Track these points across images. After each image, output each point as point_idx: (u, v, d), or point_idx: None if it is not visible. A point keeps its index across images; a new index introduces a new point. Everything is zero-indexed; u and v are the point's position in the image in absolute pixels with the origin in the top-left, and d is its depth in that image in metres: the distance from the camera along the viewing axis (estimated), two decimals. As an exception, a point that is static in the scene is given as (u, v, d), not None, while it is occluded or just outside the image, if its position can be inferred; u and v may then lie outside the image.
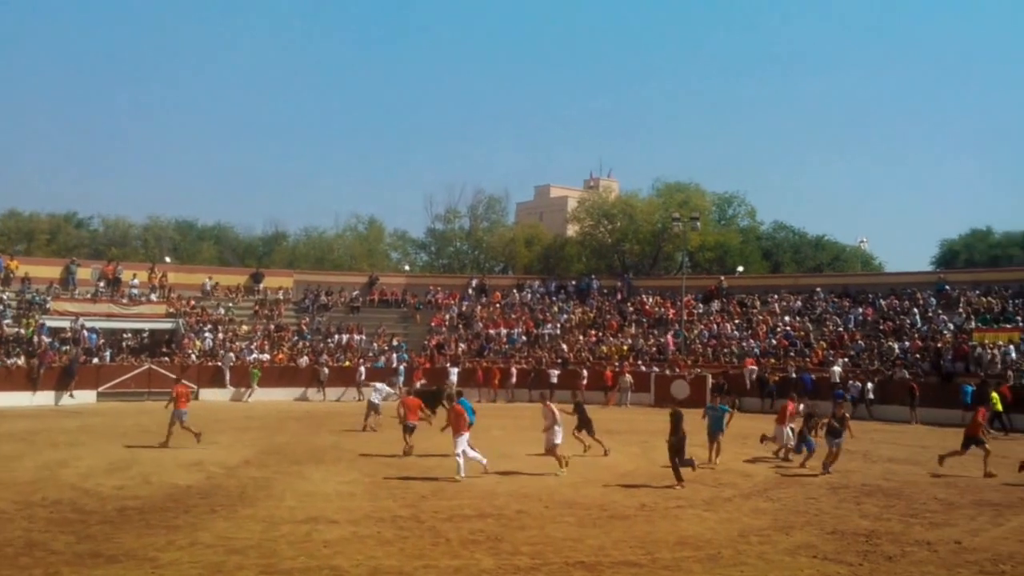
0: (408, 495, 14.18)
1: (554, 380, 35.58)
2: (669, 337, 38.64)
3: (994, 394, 26.50)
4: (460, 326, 42.50)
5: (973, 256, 53.62)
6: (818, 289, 41.18)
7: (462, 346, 40.07)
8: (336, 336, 40.28)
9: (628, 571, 9.73)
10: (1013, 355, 30.76)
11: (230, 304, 41.61)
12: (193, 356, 36.38)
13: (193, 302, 40.65)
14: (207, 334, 38.12)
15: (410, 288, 46.10)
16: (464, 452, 15.90)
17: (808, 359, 35.06)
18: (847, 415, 20.21)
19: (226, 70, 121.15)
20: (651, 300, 43.38)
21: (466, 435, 16.16)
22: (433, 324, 42.35)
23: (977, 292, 36.74)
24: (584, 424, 19.73)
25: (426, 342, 40.54)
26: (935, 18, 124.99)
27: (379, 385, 25.62)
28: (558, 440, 17.02)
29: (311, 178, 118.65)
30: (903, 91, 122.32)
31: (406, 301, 44.70)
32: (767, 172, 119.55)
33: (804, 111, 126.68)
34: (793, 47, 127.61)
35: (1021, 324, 32.97)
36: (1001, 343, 31.74)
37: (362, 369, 36.27)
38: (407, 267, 57.79)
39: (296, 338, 39.88)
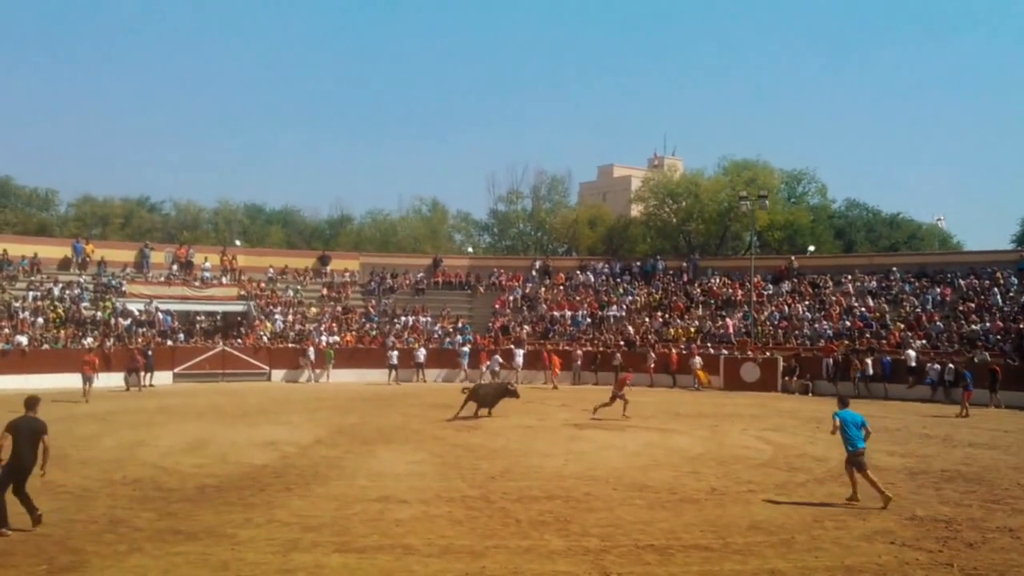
0: (476, 476, 14.34)
1: (618, 362, 35.49)
2: (731, 320, 38.16)
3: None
4: (524, 308, 42.63)
5: (1057, 233, 51.71)
6: (894, 269, 40.17)
7: (526, 328, 40.20)
8: (402, 318, 40.80)
9: (699, 555, 9.73)
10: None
11: (299, 287, 42.48)
12: (264, 337, 37.27)
13: (263, 284, 41.60)
14: (277, 316, 39.01)
15: (474, 270, 46.32)
16: None
17: (885, 341, 34.30)
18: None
19: (293, 52, 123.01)
20: (718, 281, 42.90)
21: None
22: (497, 306, 42.57)
23: (1063, 270, 35.44)
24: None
25: (490, 324, 40.78)
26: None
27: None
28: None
29: (375, 161, 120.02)
30: (976, 64, 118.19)
31: (470, 283, 45.02)
32: (838, 148, 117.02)
33: (875, 85, 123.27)
34: (857, 18, 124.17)
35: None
36: (1088, 324, 30.61)
37: (392, 353, 36.07)
38: (470, 249, 58.04)
39: (363, 320, 40.52)
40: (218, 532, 10.57)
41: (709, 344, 36.92)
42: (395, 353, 36.17)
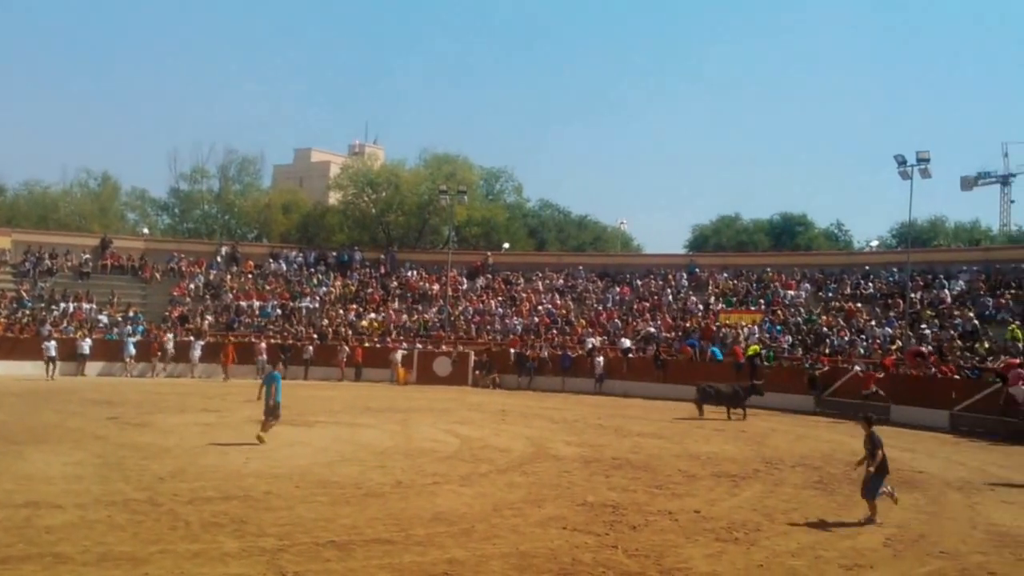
0: (144, 477, 13.61)
1: (308, 356, 35.19)
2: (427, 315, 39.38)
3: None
4: (207, 297, 40.89)
5: (722, 241, 58.35)
6: (580, 268, 43.42)
7: (208, 319, 38.57)
8: (62, 304, 37.47)
9: (380, 548, 9.94)
10: (756, 335, 33.93)
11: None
12: None
13: None
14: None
15: (149, 253, 43.69)
16: None
17: (569, 337, 36.94)
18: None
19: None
20: (415, 274, 43.84)
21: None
22: (175, 294, 40.47)
23: (725, 275, 40.23)
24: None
25: (167, 313, 38.67)
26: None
27: None
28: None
29: (33, 125, 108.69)
30: (650, 77, 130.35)
31: (144, 267, 42.33)
32: (535, 149, 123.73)
33: (570, 90, 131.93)
34: (558, 20, 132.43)
35: (763, 307, 36.47)
36: (744, 324, 34.98)
37: (49, 344, 32.81)
38: (146, 230, 54.62)
39: (15, 305, 36.70)
40: None
41: (403, 338, 37.68)
42: (52, 344, 33.03)
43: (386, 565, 9.33)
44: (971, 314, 30.66)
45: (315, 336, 37.51)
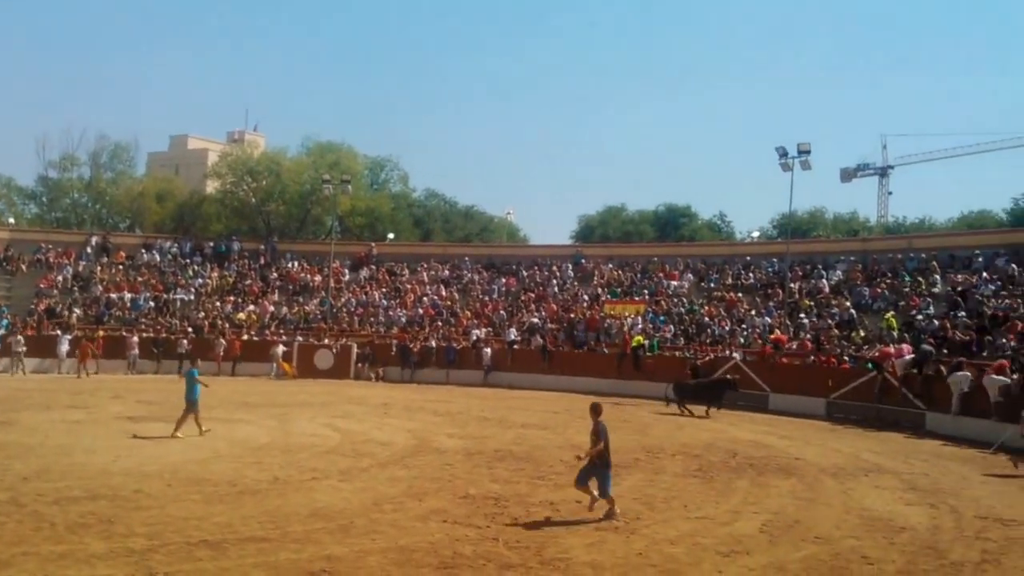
0: (6, 477, 13.01)
1: (184, 350, 34.21)
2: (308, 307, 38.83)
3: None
4: (75, 289, 39.26)
5: (608, 231, 59.34)
6: (466, 259, 43.49)
7: (76, 312, 37.04)
8: (-87, 297, 35.42)
9: (255, 547, 9.78)
10: (640, 326, 34.64)
11: None
12: None
13: None
14: None
15: (15, 244, 41.74)
16: None
17: (454, 328, 36.97)
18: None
19: None
20: (297, 265, 43.14)
21: None
22: (42, 286, 38.72)
23: (610, 266, 40.93)
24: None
25: (33, 306, 36.96)
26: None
27: None
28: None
29: None
30: (537, 66, 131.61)
31: (9, 258, 40.33)
32: (421, 138, 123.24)
33: (457, 78, 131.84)
34: (443, 3, 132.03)
35: (647, 297, 37.26)
36: (629, 315, 35.68)
37: None
38: (11, 220, 52.11)
39: None
40: None
41: (282, 331, 37.05)
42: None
43: (261, 563, 9.19)
44: (848, 303, 32.00)
45: (190, 329, 36.48)
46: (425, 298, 39.79)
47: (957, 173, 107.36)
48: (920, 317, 28.99)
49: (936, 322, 27.85)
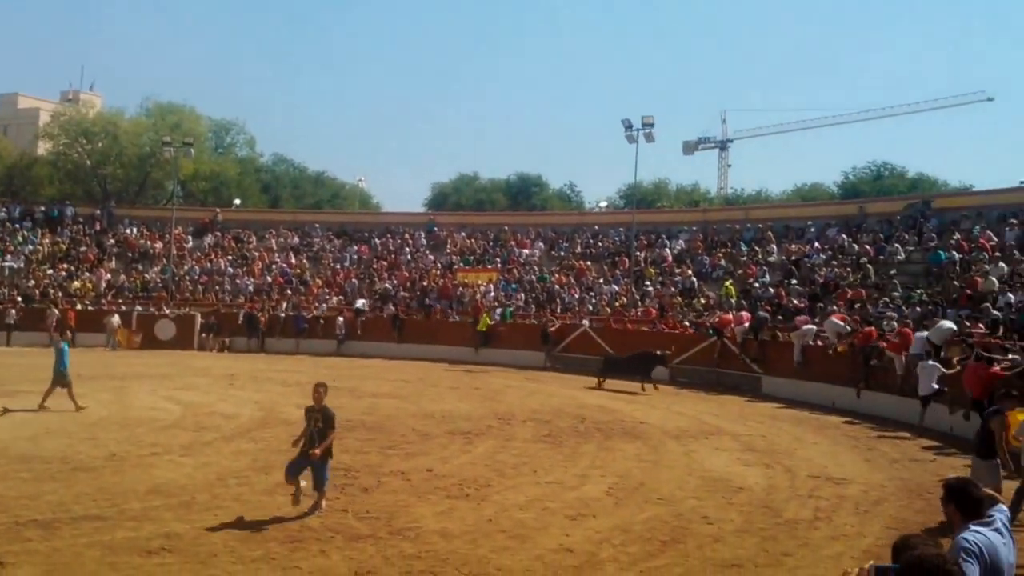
0: None
1: (12, 320, 32.25)
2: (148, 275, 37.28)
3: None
4: None
5: (461, 199, 59.36)
6: (316, 226, 42.66)
7: None
8: None
9: (90, 525, 9.36)
10: (492, 293, 34.91)
11: None
12: None
13: None
14: None
15: None
16: None
17: (304, 297, 36.28)
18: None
19: None
20: (136, 232, 41.31)
21: None
22: None
23: (463, 234, 41.01)
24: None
25: None
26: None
27: None
28: None
29: None
30: (387, 32, 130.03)
31: None
32: (269, 101, 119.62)
33: (302, 41, 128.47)
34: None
35: (499, 265, 37.57)
36: (481, 283, 35.89)
37: None
38: None
39: None
40: None
41: (121, 300, 35.48)
42: None
43: (96, 543, 8.81)
44: (690, 272, 33.22)
45: (19, 299, 34.40)
46: (274, 266, 38.84)
47: (794, 147, 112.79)
48: (757, 285, 30.36)
49: (771, 290, 29.24)
